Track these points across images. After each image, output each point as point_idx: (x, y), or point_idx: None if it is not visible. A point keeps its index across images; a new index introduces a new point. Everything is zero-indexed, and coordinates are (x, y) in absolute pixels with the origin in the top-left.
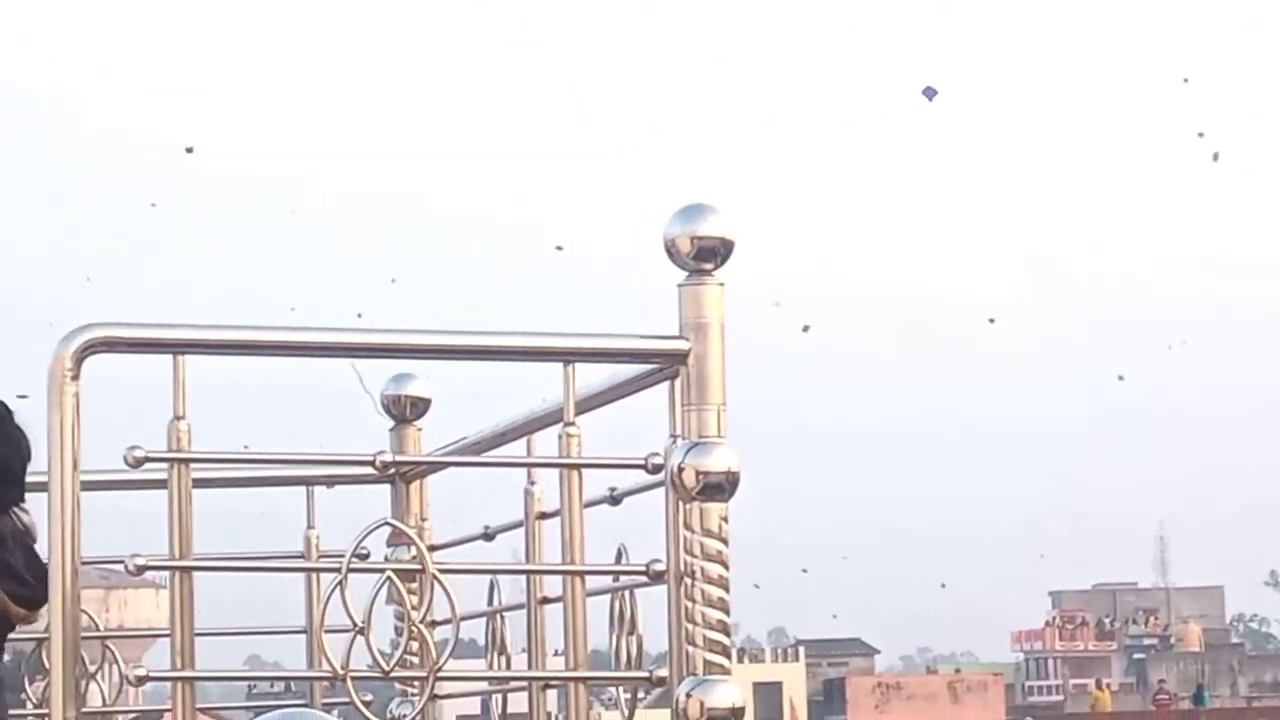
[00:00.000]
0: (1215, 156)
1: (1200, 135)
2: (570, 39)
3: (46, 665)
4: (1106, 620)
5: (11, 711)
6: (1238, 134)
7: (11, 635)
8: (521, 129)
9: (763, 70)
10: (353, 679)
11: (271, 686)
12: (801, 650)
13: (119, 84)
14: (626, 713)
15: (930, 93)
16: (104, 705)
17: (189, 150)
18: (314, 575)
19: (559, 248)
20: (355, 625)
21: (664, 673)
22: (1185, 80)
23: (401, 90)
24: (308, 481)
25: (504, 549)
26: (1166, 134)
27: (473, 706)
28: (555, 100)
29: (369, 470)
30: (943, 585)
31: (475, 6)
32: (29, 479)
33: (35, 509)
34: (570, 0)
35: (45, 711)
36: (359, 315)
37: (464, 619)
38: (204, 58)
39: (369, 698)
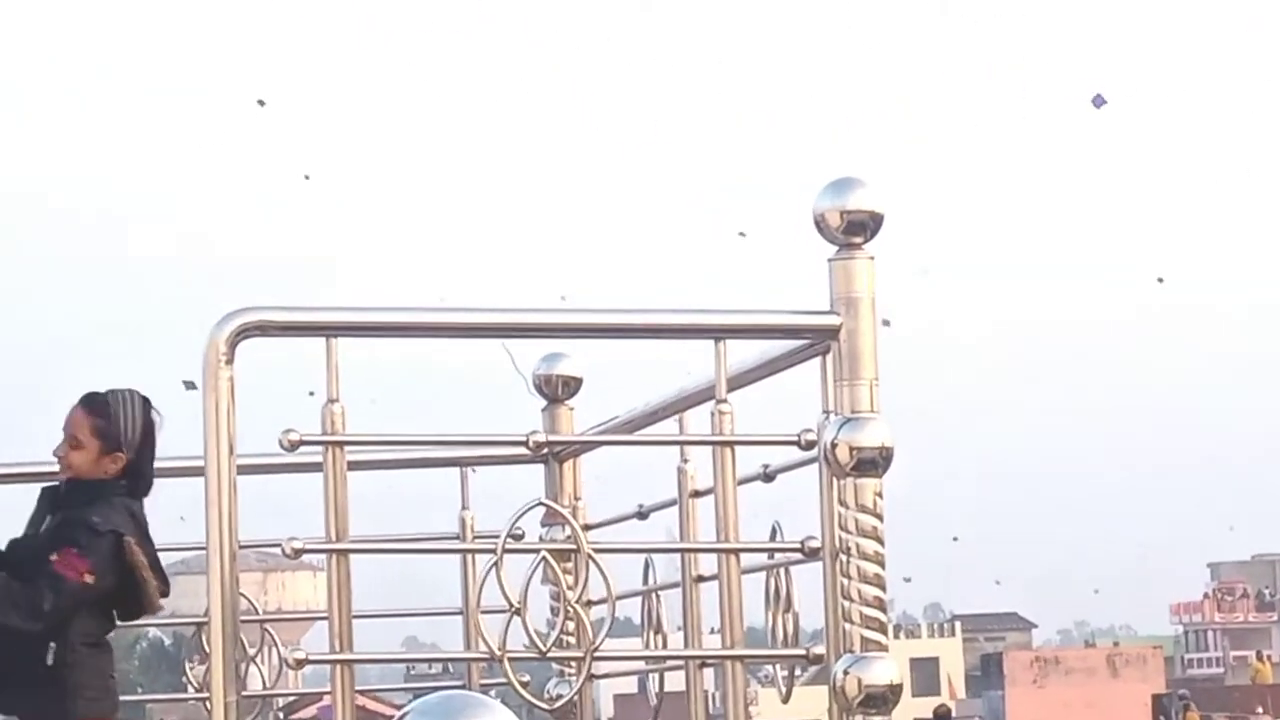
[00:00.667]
0: None
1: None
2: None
3: (206, 648)
4: (1266, 591)
5: (172, 695)
6: None
7: (171, 619)
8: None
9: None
10: (509, 659)
11: (430, 668)
12: (958, 625)
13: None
14: (784, 690)
15: (1099, 101)
16: (264, 688)
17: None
18: (469, 556)
19: (741, 234)
20: (511, 606)
21: (821, 650)
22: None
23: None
24: (461, 463)
25: (657, 527)
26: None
27: (629, 686)
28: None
29: (522, 450)
30: (1096, 591)
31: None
32: (182, 464)
33: (191, 493)
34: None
35: (206, 695)
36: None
37: (620, 598)
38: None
39: (526, 678)
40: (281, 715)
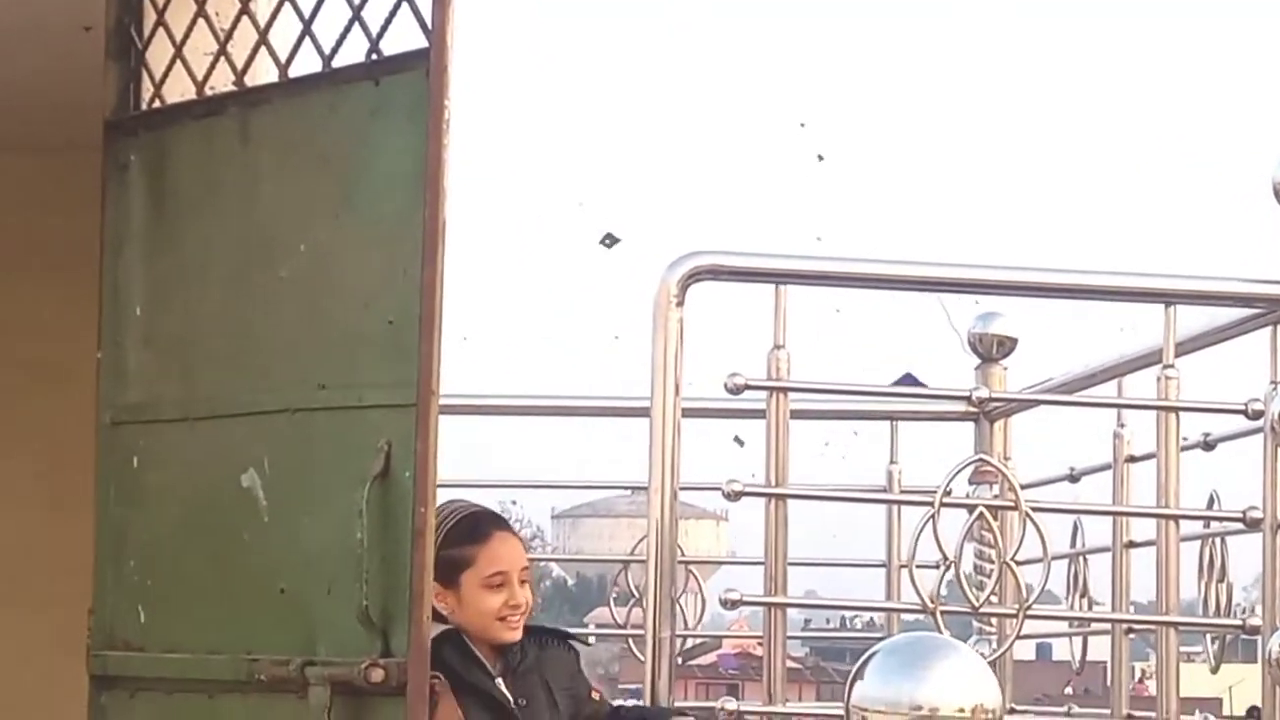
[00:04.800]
0: None
1: None
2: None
3: (630, 587)
4: None
5: (595, 630)
6: None
7: (577, 556)
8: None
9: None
10: (942, 613)
11: (827, 622)
12: None
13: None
14: (1214, 661)
15: None
16: (686, 628)
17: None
18: (894, 510)
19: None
20: (945, 560)
21: (1257, 621)
22: None
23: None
24: (891, 416)
25: (1078, 492)
26: None
27: (1026, 652)
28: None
29: (957, 407)
30: None
31: None
32: (628, 404)
33: (636, 433)
34: None
35: (635, 632)
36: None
37: (1052, 559)
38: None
39: (947, 634)
40: (680, 660)
